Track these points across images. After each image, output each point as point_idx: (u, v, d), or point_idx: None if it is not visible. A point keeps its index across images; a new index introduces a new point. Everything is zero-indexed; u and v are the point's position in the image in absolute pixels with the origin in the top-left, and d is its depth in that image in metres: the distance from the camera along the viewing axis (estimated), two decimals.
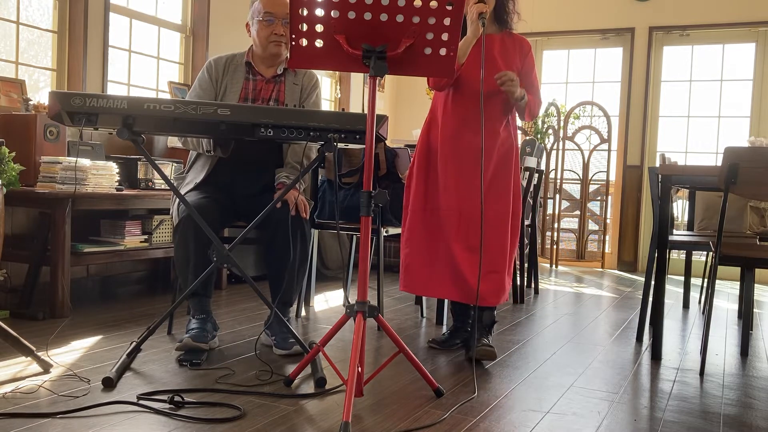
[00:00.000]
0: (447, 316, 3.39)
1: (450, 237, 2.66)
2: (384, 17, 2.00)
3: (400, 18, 2.01)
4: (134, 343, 2.46)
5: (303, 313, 3.53)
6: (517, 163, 2.77)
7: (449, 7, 2.00)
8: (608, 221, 6.29)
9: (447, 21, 2.02)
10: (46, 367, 2.29)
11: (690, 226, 4.33)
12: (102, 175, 3.29)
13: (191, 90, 2.86)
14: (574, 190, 6.36)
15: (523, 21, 2.85)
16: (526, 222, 4.37)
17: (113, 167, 3.37)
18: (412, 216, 2.77)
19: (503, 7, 2.72)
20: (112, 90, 4.04)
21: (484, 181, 2.66)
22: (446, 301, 3.35)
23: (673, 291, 4.84)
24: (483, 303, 2.65)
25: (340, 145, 2.37)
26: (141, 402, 2.00)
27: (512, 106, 2.73)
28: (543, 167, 6.11)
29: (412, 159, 2.86)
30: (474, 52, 2.65)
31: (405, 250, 2.77)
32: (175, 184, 2.67)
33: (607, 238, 6.30)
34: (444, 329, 3.23)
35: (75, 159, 3.26)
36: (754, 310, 4.23)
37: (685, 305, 4.22)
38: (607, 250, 6.31)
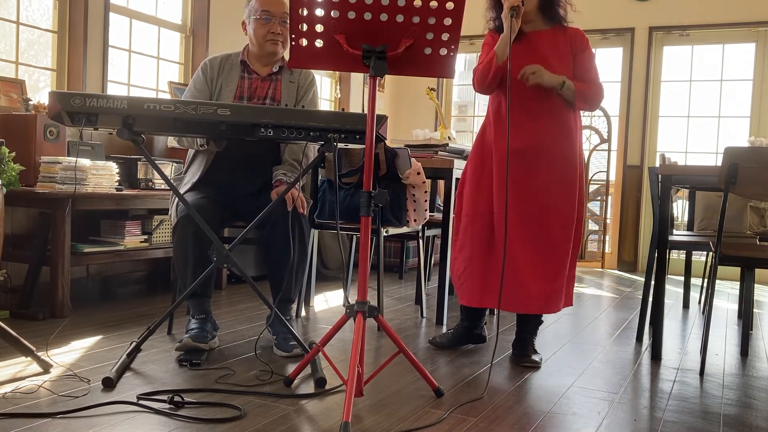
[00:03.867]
0: (447, 316, 3.39)
1: (503, 242, 2.52)
2: (384, 17, 2.00)
3: (400, 18, 2.01)
4: (134, 343, 2.46)
5: (303, 313, 3.53)
6: (581, 163, 2.64)
7: (449, 7, 2.00)
8: (608, 221, 6.29)
9: (447, 21, 2.02)
10: (46, 367, 2.29)
11: (690, 226, 4.33)
12: (102, 175, 3.29)
13: (186, 90, 2.86)
14: None
15: (579, 12, 2.69)
16: None
17: (113, 167, 3.37)
18: (465, 221, 2.69)
19: (550, 0, 2.59)
20: (112, 90, 4.04)
21: (549, 180, 2.59)
22: (446, 301, 3.35)
23: (673, 291, 4.83)
24: (541, 311, 2.60)
25: (340, 145, 2.36)
26: (141, 402, 2.00)
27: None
28: None
29: (465, 163, 2.77)
30: (521, 50, 2.55)
31: (460, 258, 2.68)
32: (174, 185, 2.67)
33: (607, 238, 6.30)
34: (444, 329, 3.23)
35: (75, 159, 3.26)
36: (754, 310, 4.22)
37: (685, 305, 4.22)
38: (607, 250, 6.31)
